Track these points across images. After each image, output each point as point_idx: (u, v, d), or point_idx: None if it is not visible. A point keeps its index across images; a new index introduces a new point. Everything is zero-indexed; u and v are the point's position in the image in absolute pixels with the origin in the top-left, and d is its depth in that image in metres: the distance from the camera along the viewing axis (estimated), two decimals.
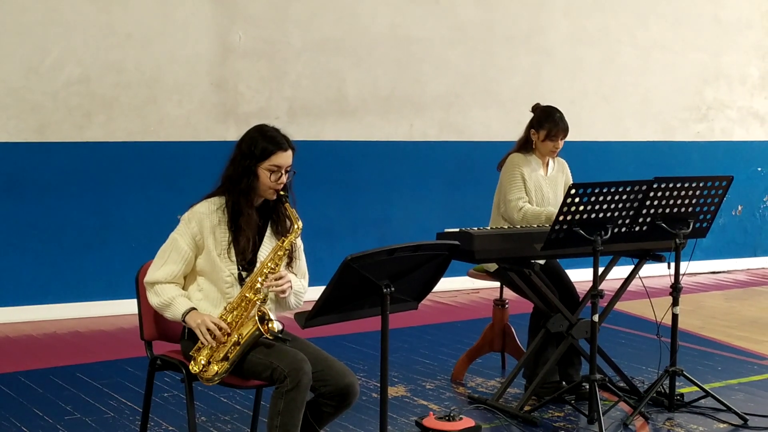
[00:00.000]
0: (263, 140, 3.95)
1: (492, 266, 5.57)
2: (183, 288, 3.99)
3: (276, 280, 3.88)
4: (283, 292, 3.91)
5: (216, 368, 3.83)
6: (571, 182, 5.71)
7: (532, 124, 5.62)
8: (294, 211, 3.98)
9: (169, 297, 3.92)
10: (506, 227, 5.36)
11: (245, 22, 8.04)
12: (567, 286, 5.57)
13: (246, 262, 3.97)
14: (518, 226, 5.35)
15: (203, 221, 3.94)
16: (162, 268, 3.94)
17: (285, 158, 3.96)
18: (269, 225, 4.04)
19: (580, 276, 6.66)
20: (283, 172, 3.95)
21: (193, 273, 4.00)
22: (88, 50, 7.52)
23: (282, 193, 3.96)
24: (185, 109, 7.88)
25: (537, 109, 5.66)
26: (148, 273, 3.98)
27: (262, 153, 3.93)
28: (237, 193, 3.95)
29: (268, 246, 4.00)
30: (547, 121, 5.56)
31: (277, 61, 8.18)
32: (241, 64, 8.05)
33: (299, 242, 4.08)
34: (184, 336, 4.00)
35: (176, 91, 7.83)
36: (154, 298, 3.95)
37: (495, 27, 9.00)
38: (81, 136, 7.56)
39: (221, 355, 3.83)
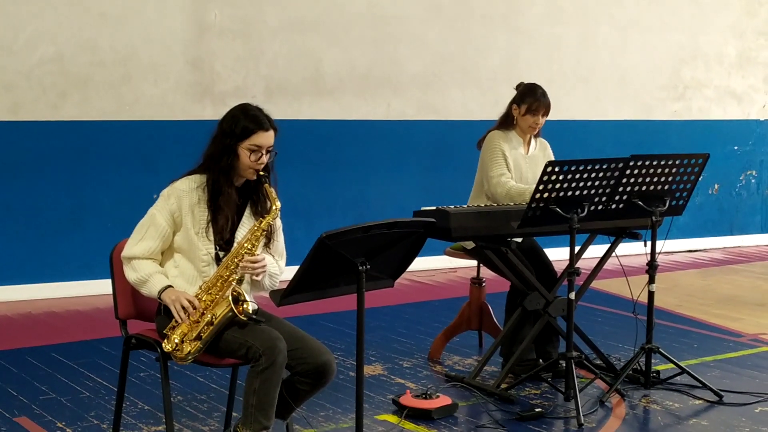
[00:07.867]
0: (245, 119, 3.92)
1: (470, 243, 5.57)
2: (160, 264, 3.97)
3: (252, 263, 3.86)
4: (257, 275, 3.90)
5: (189, 347, 3.81)
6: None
7: (515, 100, 5.62)
8: (273, 192, 3.94)
9: (146, 273, 3.90)
10: (483, 205, 5.34)
11: (221, 1, 7.97)
12: (544, 264, 5.57)
13: (224, 241, 3.95)
14: (500, 204, 5.34)
15: (182, 198, 3.91)
16: (139, 244, 3.93)
17: (266, 138, 3.92)
18: (249, 205, 4.02)
19: (556, 254, 6.65)
20: (264, 152, 3.92)
21: (170, 249, 3.98)
22: (61, 29, 7.44)
23: (262, 173, 3.93)
24: (161, 88, 7.82)
25: (521, 85, 5.67)
26: (125, 248, 3.97)
27: (243, 132, 3.90)
28: (217, 171, 3.92)
29: (246, 226, 3.97)
30: (528, 96, 5.56)
31: (254, 40, 8.13)
32: (217, 42, 7.99)
33: (278, 222, 4.06)
34: (160, 312, 3.98)
35: (151, 70, 7.76)
36: (131, 274, 3.93)
37: (472, 6, 8.96)
38: (55, 115, 7.49)
39: (194, 335, 3.81)
